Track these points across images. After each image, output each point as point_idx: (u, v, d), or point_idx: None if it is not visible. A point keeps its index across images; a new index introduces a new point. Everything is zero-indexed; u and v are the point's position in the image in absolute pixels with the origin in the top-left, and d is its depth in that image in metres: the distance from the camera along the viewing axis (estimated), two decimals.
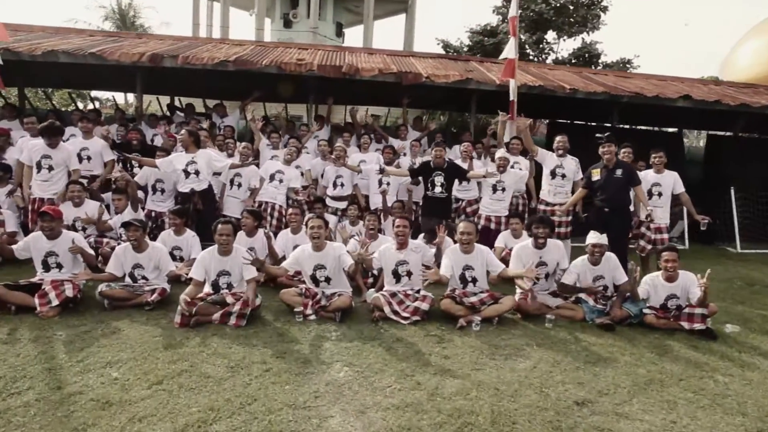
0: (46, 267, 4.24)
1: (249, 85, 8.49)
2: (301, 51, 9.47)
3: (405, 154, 7.34)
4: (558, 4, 16.73)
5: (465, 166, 6.51)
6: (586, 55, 17.56)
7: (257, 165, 6.33)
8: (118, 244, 4.99)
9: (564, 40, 18.36)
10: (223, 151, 6.50)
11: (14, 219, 5.51)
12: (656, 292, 4.36)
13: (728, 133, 10.59)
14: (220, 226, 4.06)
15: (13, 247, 4.25)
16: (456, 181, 6.31)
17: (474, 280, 4.30)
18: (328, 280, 4.31)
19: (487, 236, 5.98)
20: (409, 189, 6.24)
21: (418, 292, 4.29)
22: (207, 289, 4.13)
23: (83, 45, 7.88)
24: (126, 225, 4.30)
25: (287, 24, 22.05)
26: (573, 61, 16.95)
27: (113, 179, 5.94)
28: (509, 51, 7.66)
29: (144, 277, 4.37)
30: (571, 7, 16.92)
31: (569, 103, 9.01)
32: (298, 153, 6.24)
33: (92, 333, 3.55)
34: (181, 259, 5.07)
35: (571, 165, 6.08)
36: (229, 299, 3.94)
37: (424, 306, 4.07)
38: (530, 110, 7.50)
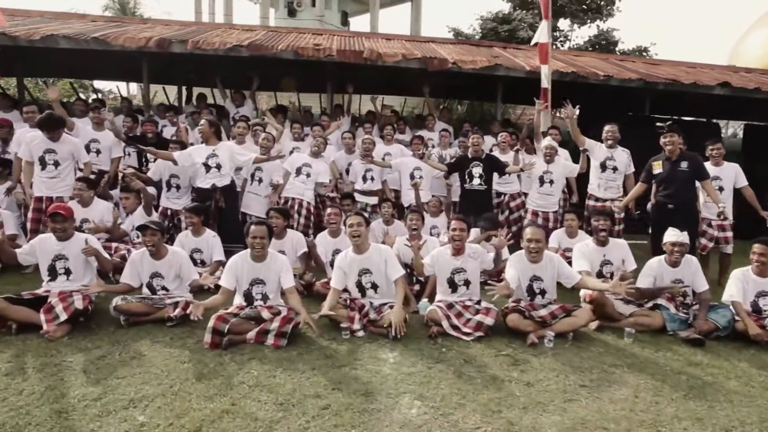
0: (53, 274, 3.68)
1: (262, 72, 7.93)
2: (315, 36, 8.86)
3: (434, 146, 6.80)
4: None
5: (505, 158, 5.97)
6: (603, 42, 16.96)
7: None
8: (128, 251, 4.47)
9: (579, 27, 17.78)
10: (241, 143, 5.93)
11: (14, 220, 4.94)
12: (745, 290, 3.85)
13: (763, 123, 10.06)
14: (253, 227, 3.50)
15: (17, 250, 3.68)
16: (495, 174, 5.78)
17: (542, 292, 3.77)
18: (375, 287, 3.77)
19: None
20: (448, 184, 5.68)
21: (478, 303, 3.75)
22: (238, 300, 3.59)
23: (85, 30, 7.26)
24: (142, 228, 3.74)
25: (291, 13, 21.35)
26: (589, 49, 16.37)
27: (121, 176, 5.38)
28: (541, 35, 7.12)
29: (164, 288, 3.82)
30: None
31: (598, 91, 8.40)
32: (325, 144, 5.66)
33: (109, 359, 3.01)
34: (202, 263, 4.53)
35: (623, 157, 5.54)
36: (265, 314, 3.40)
37: (488, 321, 3.54)
38: (553, 99, 6.99)
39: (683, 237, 3.95)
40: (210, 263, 4.52)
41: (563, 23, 17.67)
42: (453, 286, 3.82)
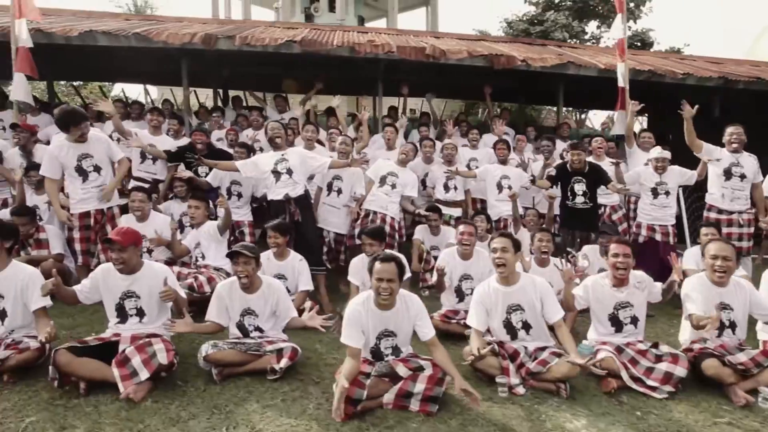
0: (122, 314, 2.92)
1: (311, 72, 7.23)
2: (361, 34, 8.18)
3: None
4: None
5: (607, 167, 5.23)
6: (637, 44, 16.37)
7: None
8: (195, 277, 3.73)
9: (608, 29, 17.24)
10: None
11: (61, 237, 4.17)
12: None
13: None
14: (379, 264, 2.65)
15: (77, 288, 2.91)
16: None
17: (733, 326, 3.02)
18: (527, 327, 3.01)
19: (655, 250, 4.77)
20: (551, 197, 4.93)
21: (655, 346, 2.99)
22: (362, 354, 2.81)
23: (123, 27, 6.56)
24: (234, 255, 2.98)
25: (308, 18, 20.73)
26: None
27: (180, 180, 4.66)
28: (617, 30, 6.43)
29: (258, 329, 3.06)
30: None
31: (666, 90, 7.66)
32: (415, 152, 4.90)
33: None
34: (288, 291, 3.77)
35: (751, 163, 4.82)
36: (402, 370, 2.64)
37: (679, 371, 2.76)
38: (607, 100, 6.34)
39: None
40: (294, 293, 3.75)
41: (592, 25, 17.11)
42: (617, 324, 3.07)
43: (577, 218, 4.91)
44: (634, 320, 3.07)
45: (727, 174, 4.81)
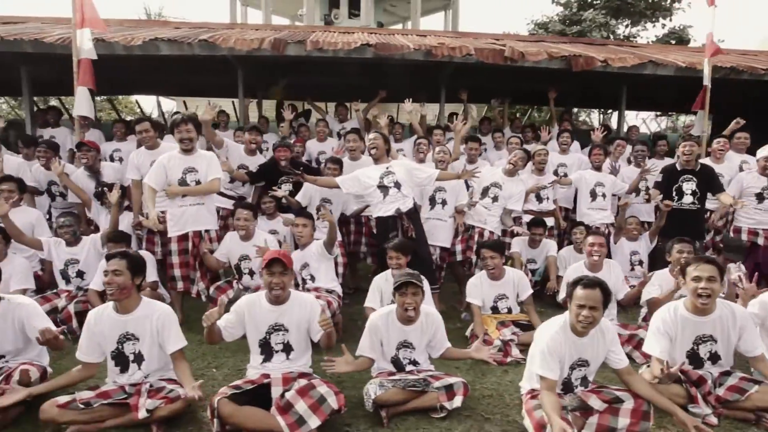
0: (268, 351, 2.60)
1: (371, 81, 6.96)
2: (416, 37, 7.90)
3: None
4: None
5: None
6: (673, 42, 16.02)
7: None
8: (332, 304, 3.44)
9: (644, 26, 16.89)
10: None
11: (153, 264, 3.87)
12: None
13: None
14: (582, 290, 2.31)
15: (220, 324, 2.59)
16: None
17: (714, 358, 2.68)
18: (714, 358, 2.65)
19: (755, 255, 4.53)
20: (667, 204, 4.58)
21: None
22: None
23: (184, 34, 6.31)
24: (402, 286, 2.63)
25: (328, 24, 20.62)
26: None
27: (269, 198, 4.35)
28: (709, 24, 6.13)
29: (413, 362, 2.73)
30: None
31: (735, 87, 7.29)
32: (525, 161, 4.56)
33: None
34: None
35: None
36: (595, 402, 2.30)
37: None
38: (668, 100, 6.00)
39: None
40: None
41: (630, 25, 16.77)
42: None
43: (683, 222, 4.57)
44: None
45: None
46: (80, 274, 3.84)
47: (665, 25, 16.57)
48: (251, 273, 3.80)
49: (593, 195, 4.98)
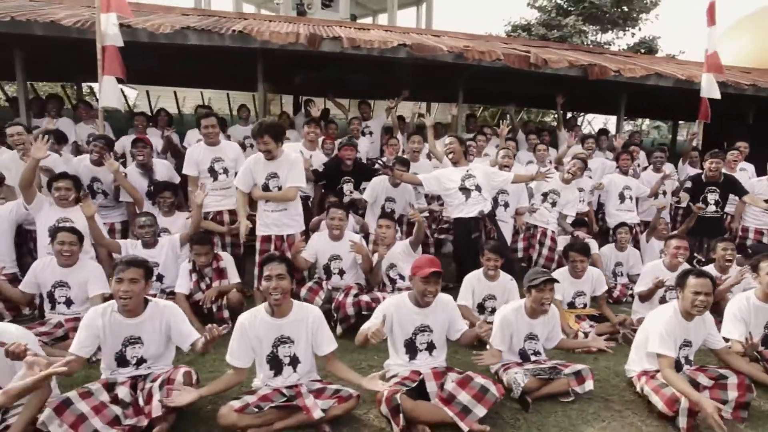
0: (413, 350, 2.70)
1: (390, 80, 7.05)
2: (447, 39, 8.03)
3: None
4: None
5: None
6: (641, 51, 17.05)
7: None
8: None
9: (616, 35, 17.76)
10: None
11: (234, 265, 3.83)
12: None
13: None
14: (694, 279, 2.68)
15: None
16: None
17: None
18: None
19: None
20: (699, 207, 5.03)
21: None
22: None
23: (213, 23, 6.10)
24: (543, 284, 2.80)
25: (300, 14, 20.25)
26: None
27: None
28: (711, 43, 6.65)
29: (536, 352, 2.94)
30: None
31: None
32: (583, 169, 4.83)
33: None
34: None
35: None
36: (703, 380, 2.65)
37: None
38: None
39: None
40: None
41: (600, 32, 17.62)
42: None
43: (706, 226, 5.08)
44: None
45: None
46: (159, 278, 3.73)
47: (634, 34, 17.52)
48: (341, 273, 3.84)
49: (621, 198, 5.39)
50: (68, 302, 3.30)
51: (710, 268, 4.08)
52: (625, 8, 16.17)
